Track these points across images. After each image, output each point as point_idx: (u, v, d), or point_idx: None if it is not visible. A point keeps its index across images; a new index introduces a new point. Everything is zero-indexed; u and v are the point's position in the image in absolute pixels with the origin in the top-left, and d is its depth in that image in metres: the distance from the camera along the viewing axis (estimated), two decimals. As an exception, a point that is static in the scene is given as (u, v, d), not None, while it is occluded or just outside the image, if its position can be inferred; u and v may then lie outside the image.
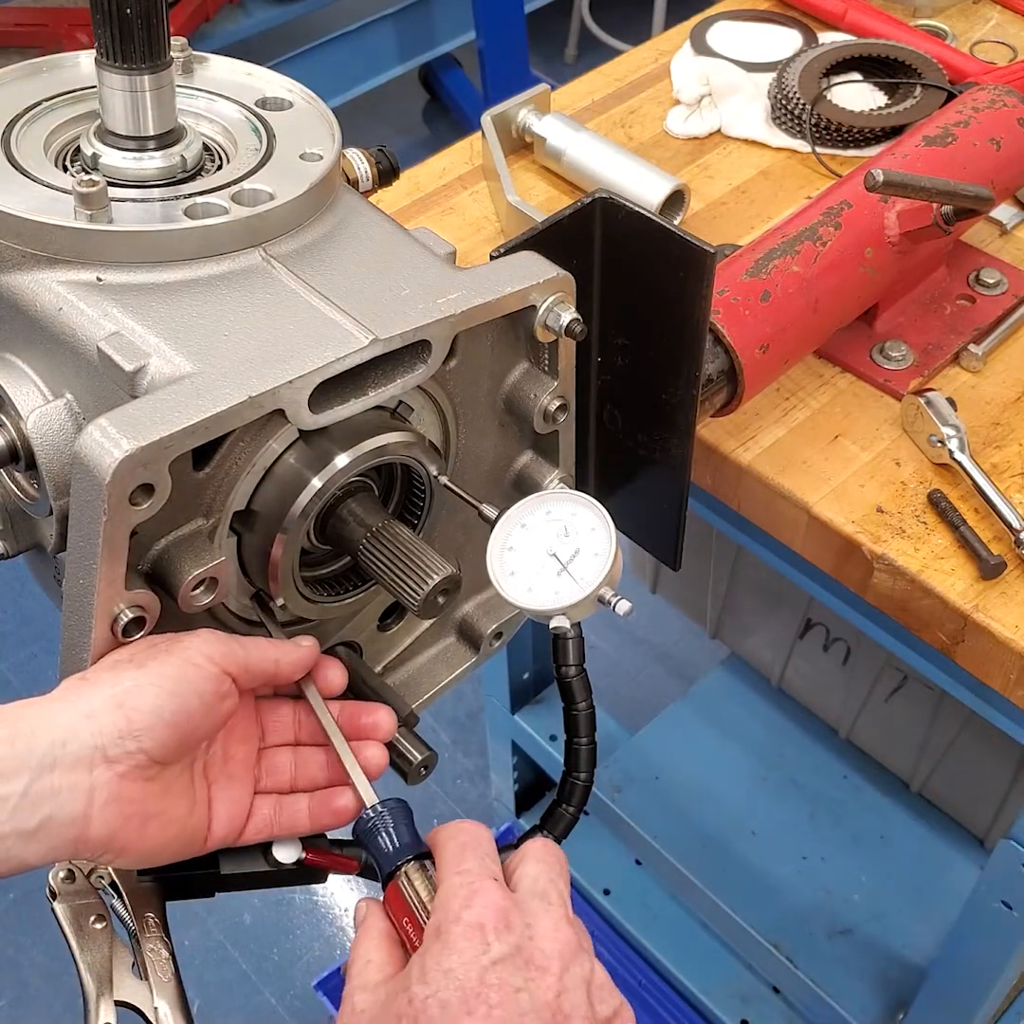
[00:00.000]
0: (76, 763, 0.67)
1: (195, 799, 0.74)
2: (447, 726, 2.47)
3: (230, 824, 0.76)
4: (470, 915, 0.65)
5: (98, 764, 0.67)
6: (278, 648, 0.77)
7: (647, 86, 1.53)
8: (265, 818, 0.78)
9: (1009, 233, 1.32)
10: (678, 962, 1.95)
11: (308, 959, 2.17)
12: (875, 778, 1.95)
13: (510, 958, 0.64)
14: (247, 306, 0.74)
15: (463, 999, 0.62)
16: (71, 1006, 2.09)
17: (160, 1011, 0.77)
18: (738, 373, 1.03)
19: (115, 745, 0.68)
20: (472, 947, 0.64)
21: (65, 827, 0.67)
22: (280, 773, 0.79)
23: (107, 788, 0.68)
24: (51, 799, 0.66)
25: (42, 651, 2.57)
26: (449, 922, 0.65)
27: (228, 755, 0.77)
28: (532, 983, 0.64)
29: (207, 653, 0.72)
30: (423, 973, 0.64)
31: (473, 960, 0.64)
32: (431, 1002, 0.63)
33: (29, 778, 0.66)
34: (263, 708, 0.80)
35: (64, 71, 0.87)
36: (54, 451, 0.74)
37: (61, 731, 0.67)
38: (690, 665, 2.50)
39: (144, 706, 0.69)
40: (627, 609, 0.79)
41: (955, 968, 1.48)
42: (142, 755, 0.69)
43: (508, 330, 0.84)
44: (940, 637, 1.04)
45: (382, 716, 0.80)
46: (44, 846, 0.67)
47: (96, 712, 0.68)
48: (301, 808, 0.79)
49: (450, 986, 0.63)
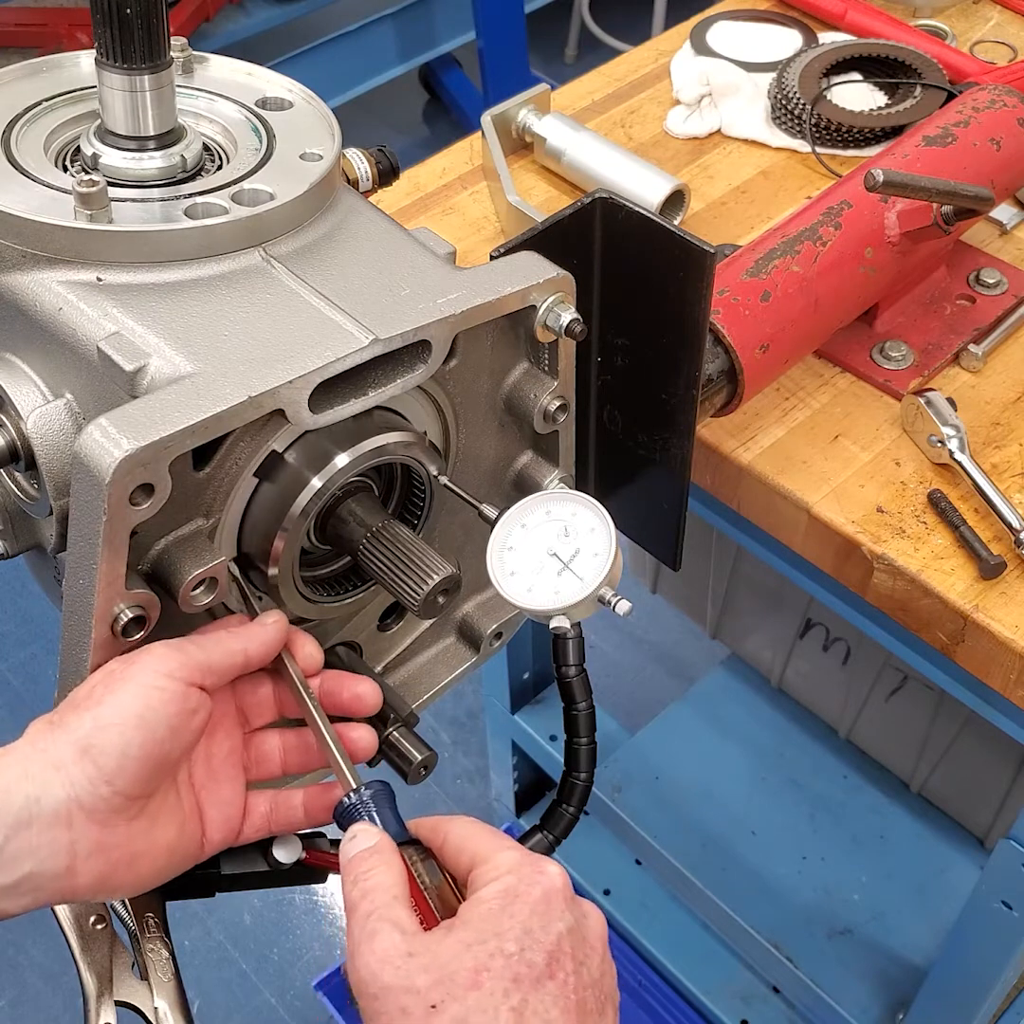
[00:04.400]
0: (53, 819, 0.65)
1: (184, 816, 0.72)
2: (447, 726, 2.47)
3: (226, 826, 0.75)
4: (547, 880, 0.66)
5: (76, 816, 0.66)
6: (242, 637, 0.73)
7: (647, 86, 1.53)
8: (262, 816, 0.77)
9: (1009, 233, 1.32)
10: (678, 962, 1.96)
11: (308, 959, 2.17)
12: (875, 778, 1.95)
13: (575, 930, 0.65)
14: (247, 306, 0.74)
15: (547, 962, 0.63)
16: (71, 1006, 2.09)
17: (160, 1011, 0.77)
18: (738, 373, 1.03)
19: (88, 793, 0.66)
20: (550, 911, 0.65)
21: (49, 881, 0.66)
22: (270, 760, 0.77)
23: (88, 840, 0.66)
24: (30, 856, 0.65)
25: (42, 651, 2.57)
26: (524, 885, 0.65)
27: (211, 755, 0.75)
28: (588, 959, 0.65)
29: (165, 671, 0.69)
30: (502, 930, 0.63)
31: (550, 924, 0.64)
32: (516, 960, 0.62)
33: (4, 835, 0.64)
34: (241, 690, 0.77)
35: (64, 71, 0.87)
36: (54, 451, 0.74)
37: (33, 785, 0.65)
38: (690, 665, 2.49)
39: (109, 748, 0.66)
40: (627, 609, 0.79)
41: (955, 968, 1.48)
42: (118, 797, 0.67)
43: (508, 330, 0.84)
44: (940, 637, 1.04)
45: (365, 688, 0.78)
46: (28, 898, 0.66)
47: (64, 762, 0.66)
48: (296, 804, 0.77)
49: (534, 946, 0.63)
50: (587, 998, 0.63)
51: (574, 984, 0.63)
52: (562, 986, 0.62)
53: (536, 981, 0.62)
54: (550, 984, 0.62)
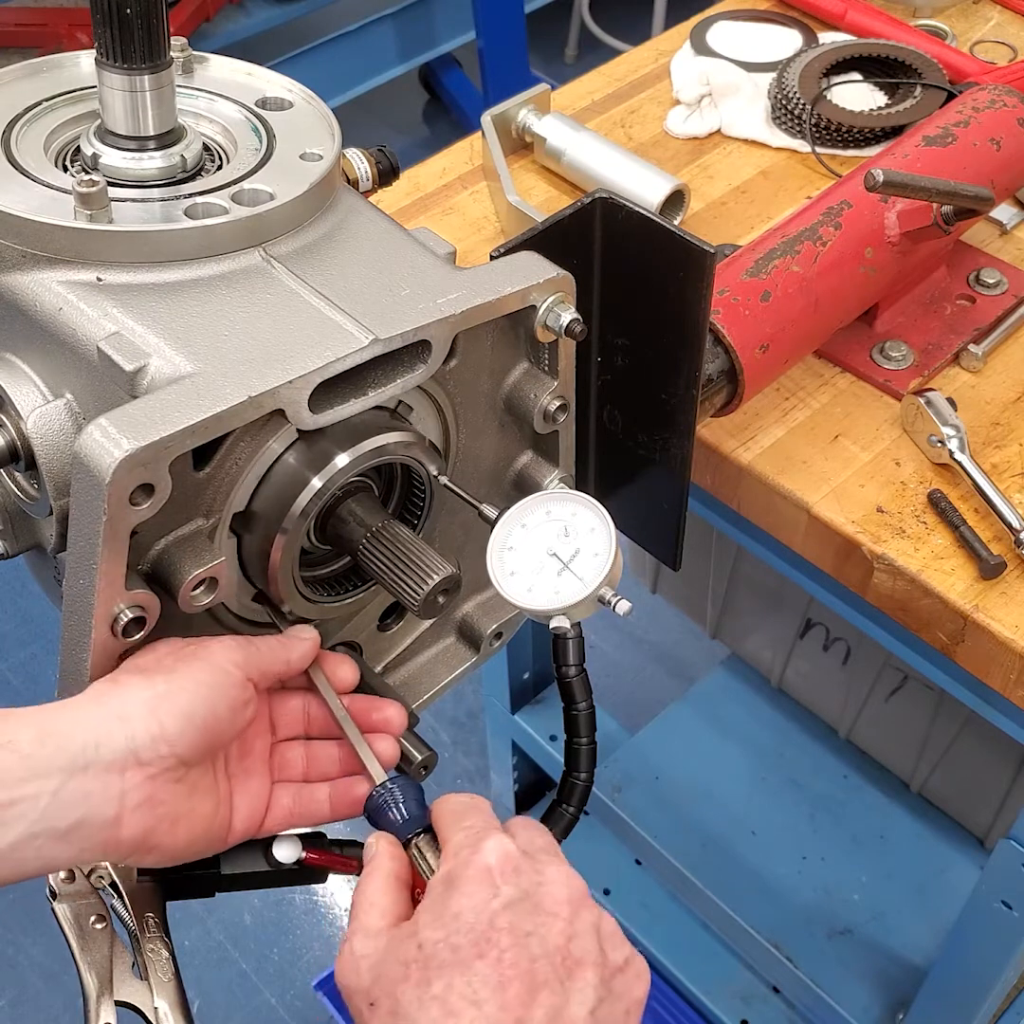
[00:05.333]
0: (109, 766, 0.67)
1: (219, 796, 0.75)
2: (447, 726, 2.47)
3: (250, 818, 0.77)
4: (479, 859, 0.66)
5: (130, 767, 0.68)
6: (287, 647, 0.78)
7: (647, 86, 1.53)
8: (285, 808, 0.79)
9: (1009, 233, 1.32)
10: (678, 962, 1.95)
11: (308, 959, 2.17)
12: (875, 778, 1.95)
13: (519, 902, 0.64)
14: (247, 306, 0.74)
15: (474, 942, 0.62)
16: (71, 1006, 2.09)
17: (160, 1011, 0.77)
18: (738, 373, 1.03)
19: (148, 748, 0.68)
20: (482, 891, 0.64)
21: (97, 829, 0.67)
22: (292, 767, 0.80)
23: (139, 791, 0.68)
24: (83, 801, 0.67)
25: (42, 651, 2.57)
26: (458, 867, 0.66)
27: (245, 750, 0.77)
28: (543, 927, 0.64)
29: (233, 659, 0.73)
30: (432, 918, 0.64)
31: (483, 904, 0.64)
32: (442, 946, 0.62)
33: (61, 779, 0.66)
34: (273, 702, 0.80)
35: (64, 71, 0.87)
36: (54, 451, 0.74)
37: (94, 733, 0.67)
38: (690, 665, 2.49)
39: (177, 711, 0.69)
40: (627, 609, 0.79)
41: (955, 968, 1.47)
42: (173, 758, 0.69)
43: (508, 330, 0.84)
44: (940, 637, 1.04)
45: (392, 713, 0.81)
46: (75, 847, 0.67)
47: (130, 716, 0.68)
48: (321, 798, 0.79)
49: (460, 929, 0.63)
50: (537, 968, 0.62)
51: (512, 959, 0.62)
52: (495, 963, 0.62)
53: (461, 964, 0.62)
54: (478, 964, 0.62)
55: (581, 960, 0.64)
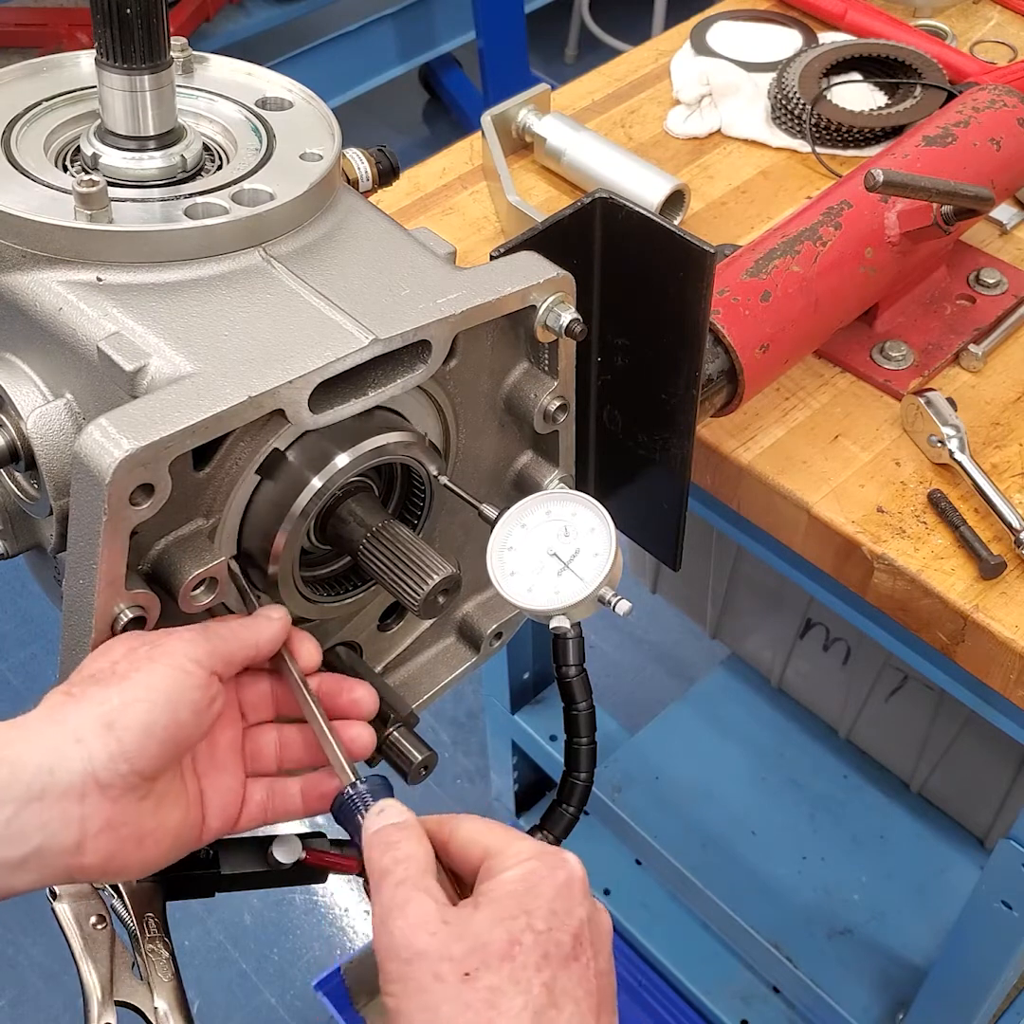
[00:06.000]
0: (66, 792, 0.64)
1: (188, 800, 0.72)
2: (447, 726, 2.47)
3: (224, 813, 0.75)
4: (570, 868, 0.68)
5: (90, 791, 0.65)
6: (254, 630, 0.74)
7: (647, 86, 1.53)
8: (259, 804, 0.76)
9: (1009, 233, 1.32)
10: (678, 962, 1.95)
11: (308, 959, 2.17)
12: (875, 778, 1.95)
13: (593, 921, 0.67)
14: (247, 306, 0.74)
15: (572, 944, 0.65)
16: (71, 1006, 2.09)
17: (160, 1011, 0.77)
18: (738, 373, 1.03)
19: (106, 768, 0.65)
20: (572, 897, 0.67)
21: (56, 856, 0.65)
22: (266, 756, 0.77)
23: (100, 816, 0.65)
24: (40, 830, 0.64)
25: (42, 651, 2.57)
26: (548, 869, 0.67)
27: (213, 744, 0.74)
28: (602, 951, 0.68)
29: (193, 656, 0.69)
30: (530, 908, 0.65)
31: (572, 909, 0.66)
32: (546, 939, 0.64)
33: (13, 809, 0.63)
34: (241, 686, 0.77)
35: (64, 71, 0.87)
36: (54, 451, 0.74)
37: (48, 756, 0.64)
38: (690, 665, 2.49)
39: (134, 725, 0.66)
40: (627, 609, 0.79)
41: (955, 968, 1.47)
42: (134, 776, 0.66)
43: (508, 330, 0.84)
44: (940, 637, 1.04)
45: (362, 694, 0.78)
46: (33, 875, 0.65)
47: (85, 735, 0.65)
48: (294, 792, 0.77)
49: (561, 927, 0.65)
50: (604, 985, 0.65)
51: (595, 969, 0.65)
52: (585, 968, 0.64)
53: (564, 960, 0.64)
54: (575, 965, 0.64)
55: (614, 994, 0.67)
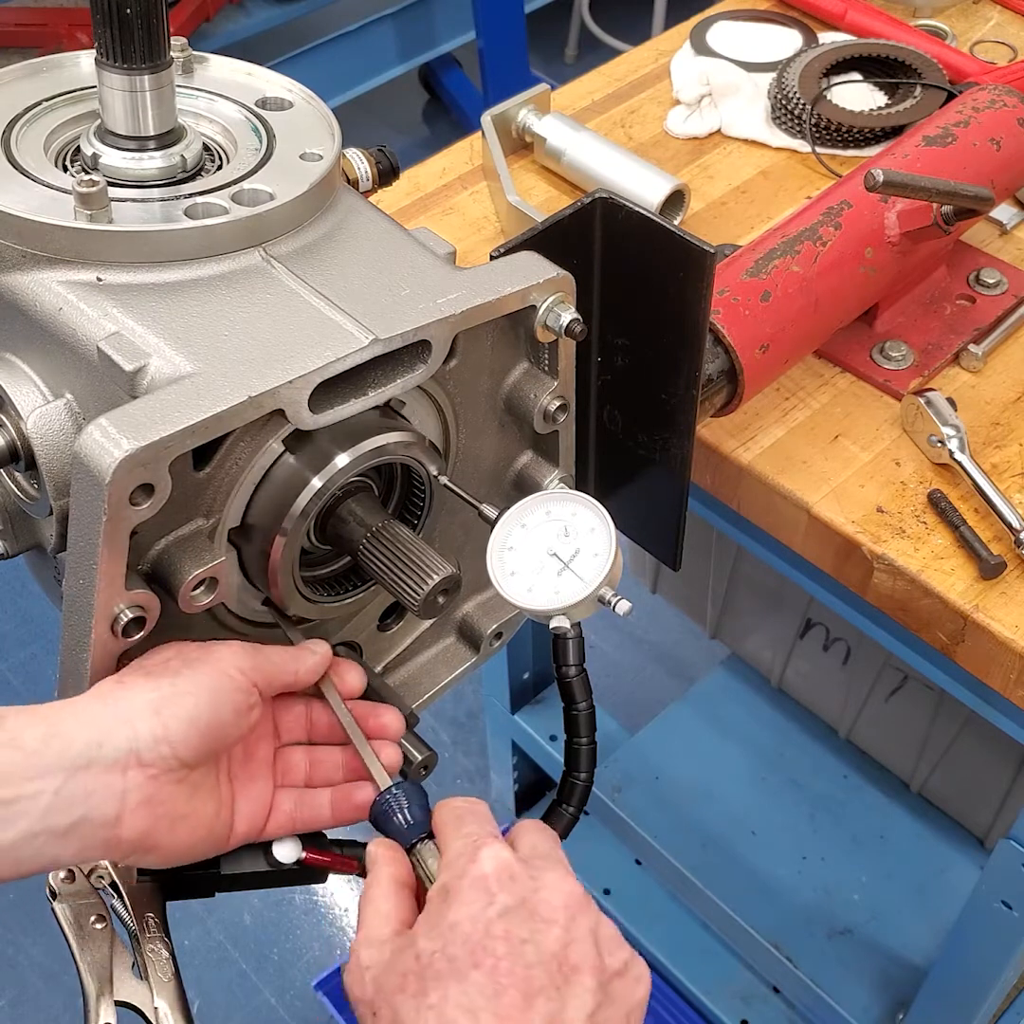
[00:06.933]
0: (111, 765, 0.68)
1: (220, 799, 0.75)
2: (447, 726, 2.47)
3: (251, 821, 0.77)
4: (475, 869, 0.66)
5: (132, 767, 0.68)
6: (297, 658, 0.78)
7: (647, 86, 1.53)
8: (286, 813, 0.79)
9: (1009, 233, 1.32)
10: (678, 962, 1.95)
11: (308, 959, 2.17)
12: (875, 778, 1.95)
13: (515, 910, 0.65)
14: (247, 306, 0.74)
15: (470, 952, 0.63)
16: (71, 1006, 2.09)
17: (160, 1011, 0.77)
18: (738, 373, 1.03)
19: (150, 749, 0.69)
20: (477, 899, 0.65)
21: (98, 828, 0.68)
22: (295, 772, 0.80)
23: (140, 790, 0.69)
24: (85, 800, 0.67)
25: (42, 651, 2.57)
26: (454, 878, 0.66)
27: (249, 755, 0.78)
28: (538, 934, 0.64)
29: (239, 665, 0.74)
30: (429, 928, 0.65)
31: (479, 913, 0.64)
32: (438, 957, 0.63)
33: (63, 777, 0.66)
34: (277, 707, 0.81)
35: (64, 71, 0.87)
36: (54, 451, 0.74)
37: (97, 732, 0.68)
38: (690, 665, 2.49)
39: (181, 713, 0.70)
40: (627, 609, 0.79)
41: (955, 968, 1.47)
42: (175, 760, 0.70)
43: (508, 330, 0.84)
44: (940, 637, 1.04)
45: (390, 719, 0.81)
46: (76, 845, 0.68)
47: (133, 716, 0.69)
48: (323, 803, 0.80)
49: (456, 940, 0.63)
50: (533, 975, 0.62)
51: (507, 967, 0.62)
52: (491, 972, 0.62)
53: (457, 973, 0.62)
54: (474, 974, 0.62)
55: (578, 966, 0.64)
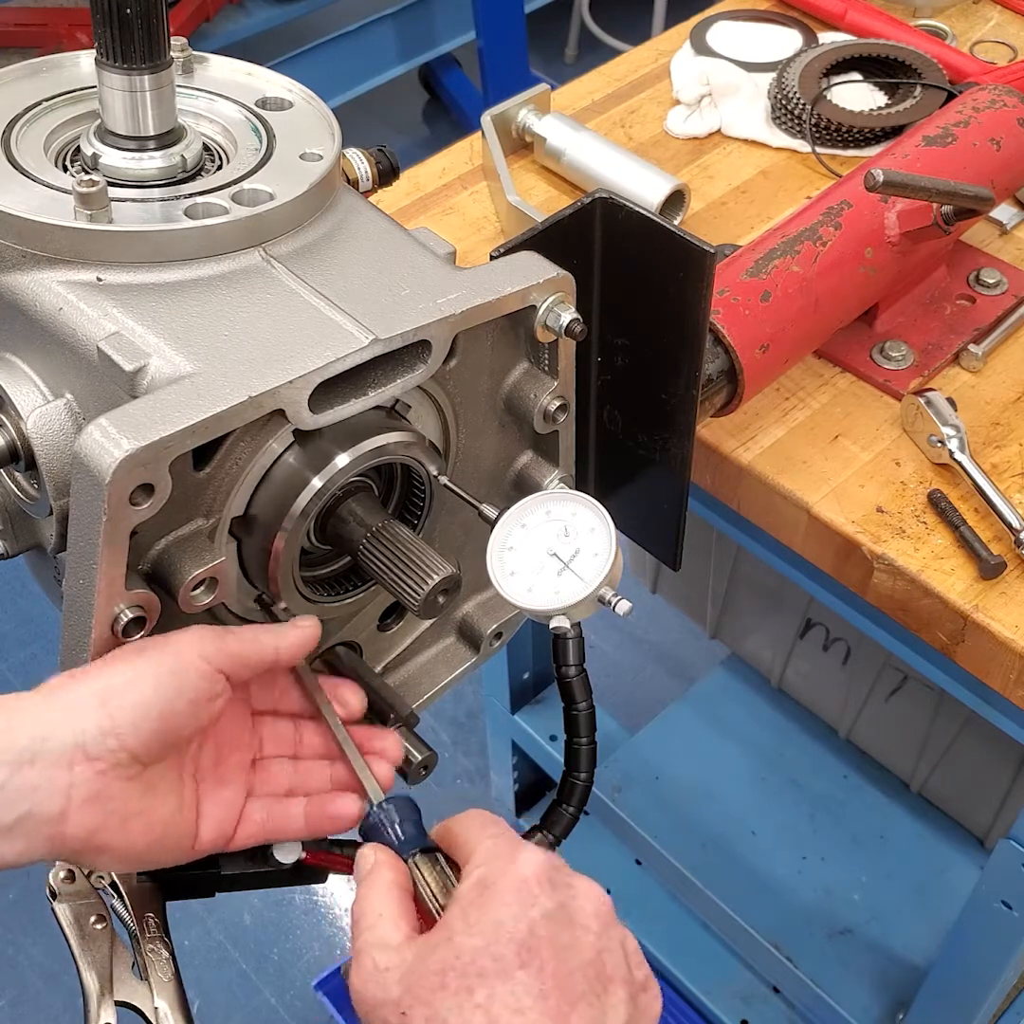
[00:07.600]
0: (56, 759, 0.66)
1: (182, 800, 0.73)
2: (447, 726, 2.47)
3: (219, 828, 0.75)
4: (516, 869, 0.66)
5: (78, 761, 0.66)
6: (275, 634, 0.75)
7: (647, 86, 1.53)
8: (257, 823, 0.77)
9: (1009, 233, 1.32)
10: (678, 962, 1.95)
11: (308, 959, 2.17)
12: (875, 778, 1.95)
13: (556, 913, 0.65)
14: (247, 306, 0.74)
15: (516, 951, 0.62)
16: (71, 1006, 2.08)
17: (160, 1011, 0.77)
18: (738, 373, 1.03)
19: (95, 742, 0.67)
20: (520, 900, 0.64)
21: (42, 824, 0.66)
22: (275, 783, 0.78)
23: (86, 785, 0.67)
24: (29, 795, 0.65)
25: (42, 651, 2.57)
26: (494, 875, 0.66)
27: (220, 758, 0.76)
28: (577, 940, 0.64)
29: (200, 651, 0.70)
30: (467, 926, 0.64)
31: (523, 913, 0.64)
32: (482, 954, 0.62)
33: (8, 772, 0.65)
34: (262, 723, 0.79)
35: (64, 71, 0.87)
36: (54, 451, 0.74)
37: (41, 726, 0.66)
38: (690, 665, 2.49)
39: (127, 704, 0.67)
40: (627, 609, 0.79)
41: (955, 968, 1.48)
42: (123, 753, 0.67)
43: (508, 330, 0.84)
44: (940, 637, 1.04)
45: (390, 744, 0.80)
46: (21, 843, 0.66)
47: (78, 708, 0.67)
48: (295, 813, 0.78)
49: (501, 938, 0.63)
50: (575, 980, 0.63)
51: (552, 969, 0.62)
52: (537, 973, 0.62)
53: (503, 973, 0.62)
54: (520, 974, 0.62)
55: (612, 976, 0.65)
